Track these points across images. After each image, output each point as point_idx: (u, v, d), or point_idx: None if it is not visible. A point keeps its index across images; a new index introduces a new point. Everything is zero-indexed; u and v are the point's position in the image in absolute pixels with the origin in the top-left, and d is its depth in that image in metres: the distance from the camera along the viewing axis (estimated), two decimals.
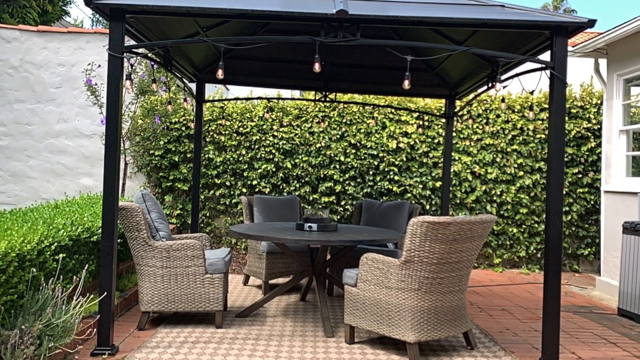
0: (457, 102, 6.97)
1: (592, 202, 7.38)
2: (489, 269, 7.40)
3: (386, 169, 7.30)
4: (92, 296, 3.72)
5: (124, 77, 3.71)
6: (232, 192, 7.32)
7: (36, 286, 3.29)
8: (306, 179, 7.31)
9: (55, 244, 3.53)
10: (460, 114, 7.17)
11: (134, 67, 6.52)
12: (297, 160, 7.29)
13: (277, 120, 7.35)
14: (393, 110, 7.37)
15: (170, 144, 7.28)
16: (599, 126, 7.32)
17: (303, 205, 6.96)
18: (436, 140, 7.36)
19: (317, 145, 7.31)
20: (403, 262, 3.44)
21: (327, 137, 7.33)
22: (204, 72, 6.08)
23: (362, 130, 7.35)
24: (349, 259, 5.28)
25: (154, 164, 7.30)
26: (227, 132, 7.32)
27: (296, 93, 10.95)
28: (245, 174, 7.29)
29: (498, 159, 7.36)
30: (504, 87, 4.28)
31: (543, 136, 7.36)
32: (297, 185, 7.30)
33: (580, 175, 7.39)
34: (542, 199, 7.35)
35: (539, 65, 3.85)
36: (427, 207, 7.36)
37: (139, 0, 3.45)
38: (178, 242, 4.05)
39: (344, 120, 7.35)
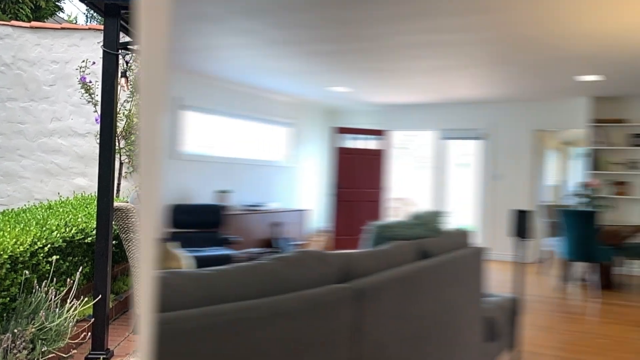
0: None
1: None
2: None
3: None
4: (86, 299, 3.64)
5: (119, 75, 3.64)
6: None
7: (29, 289, 3.21)
8: None
9: (49, 245, 3.46)
10: None
11: (129, 65, 6.41)
12: None
13: None
14: None
15: None
16: None
17: None
18: None
19: None
20: None
21: None
22: None
23: None
24: None
25: None
26: None
27: None
28: None
29: None
30: None
31: None
32: None
33: None
34: None
35: None
36: None
37: None
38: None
39: None
